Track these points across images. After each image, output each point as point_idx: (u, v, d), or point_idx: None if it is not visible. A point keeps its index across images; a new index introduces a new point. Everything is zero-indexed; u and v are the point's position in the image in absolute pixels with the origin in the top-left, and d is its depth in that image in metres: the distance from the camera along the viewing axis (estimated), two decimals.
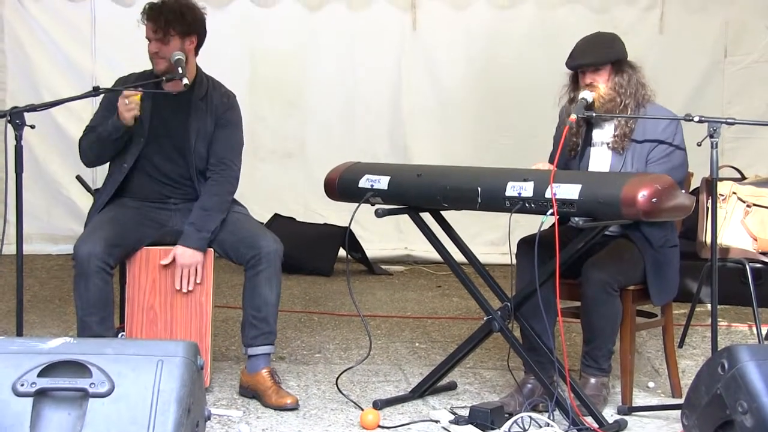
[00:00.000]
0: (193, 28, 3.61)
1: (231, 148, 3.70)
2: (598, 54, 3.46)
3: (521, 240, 3.45)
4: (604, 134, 3.55)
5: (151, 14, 3.56)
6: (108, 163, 3.72)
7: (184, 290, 3.53)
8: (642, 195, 2.90)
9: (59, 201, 6.51)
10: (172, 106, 3.65)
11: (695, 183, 3.95)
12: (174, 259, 3.52)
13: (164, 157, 3.66)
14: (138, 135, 3.59)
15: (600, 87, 3.44)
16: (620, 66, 3.46)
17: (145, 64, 3.72)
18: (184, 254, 3.52)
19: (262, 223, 3.99)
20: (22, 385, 2.29)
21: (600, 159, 3.53)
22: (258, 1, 6.80)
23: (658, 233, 3.44)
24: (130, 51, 5.94)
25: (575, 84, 3.52)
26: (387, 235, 6.84)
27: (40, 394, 2.30)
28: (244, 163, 3.78)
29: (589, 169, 3.52)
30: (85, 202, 3.82)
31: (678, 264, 3.52)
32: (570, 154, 3.58)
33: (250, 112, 6.43)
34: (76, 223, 3.73)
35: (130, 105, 3.46)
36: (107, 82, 3.73)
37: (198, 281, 3.54)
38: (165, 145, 3.66)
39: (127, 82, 3.68)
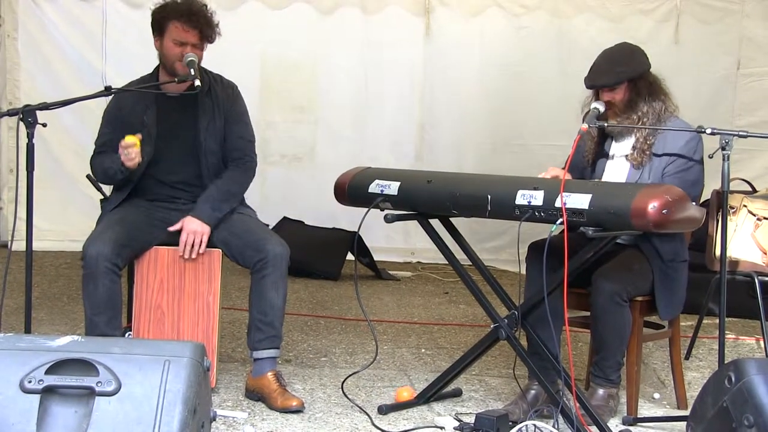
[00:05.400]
0: (214, 38, 3.65)
1: (247, 141, 3.76)
2: (612, 74, 3.43)
3: (532, 244, 3.45)
4: (622, 148, 3.54)
5: (196, 21, 3.56)
6: None
7: (186, 256, 3.52)
8: (652, 206, 2.89)
9: (74, 198, 6.53)
10: (179, 106, 3.66)
11: (706, 195, 3.94)
12: (182, 228, 3.53)
13: (174, 160, 3.68)
14: (146, 144, 3.59)
15: (616, 105, 3.43)
16: (637, 84, 3.44)
17: (154, 64, 3.73)
18: (192, 223, 3.53)
19: (268, 226, 4.00)
20: (30, 381, 2.30)
21: (617, 172, 3.53)
22: (269, 3, 6.81)
23: (669, 247, 3.43)
24: (139, 52, 5.98)
25: (597, 94, 3.51)
26: (394, 240, 6.87)
27: (48, 392, 2.31)
28: None
29: (605, 180, 3.51)
30: (99, 200, 3.83)
31: (686, 279, 3.50)
32: (586, 158, 3.58)
33: (260, 117, 6.44)
34: (89, 221, 3.73)
35: (130, 155, 3.49)
36: (117, 82, 3.74)
37: (201, 251, 3.52)
38: (174, 148, 3.67)
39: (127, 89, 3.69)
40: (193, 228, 3.52)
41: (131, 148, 3.48)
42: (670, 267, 3.44)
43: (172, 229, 3.55)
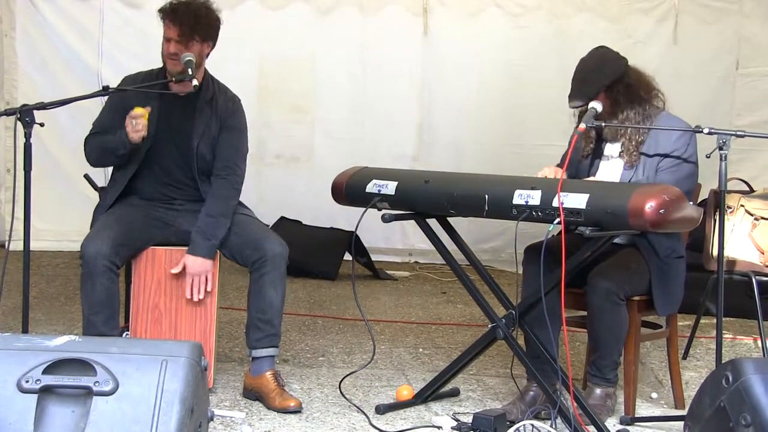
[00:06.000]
0: (214, 34, 3.62)
1: (236, 153, 3.70)
2: (586, 90, 3.42)
3: (528, 247, 3.45)
4: (614, 148, 3.54)
5: (176, 16, 3.53)
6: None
7: (195, 299, 3.52)
8: (649, 206, 2.89)
9: (71, 198, 6.52)
10: (178, 107, 3.65)
11: (703, 194, 3.95)
12: (184, 268, 3.52)
13: (169, 158, 3.67)
14: (147, 134, 3.59)
15: (602, 114, 3.42)
16: (613, 90, 3.43)
17: (150, 65, 3.73)
18: (195, 263, 3.51)
19: (267, 226, 3.99)
20: (27, 381, 2.30)
21: (611, 171, 3.53)
22: (268, 3, 6.80)
23: (665, 243, 3.44)
24: (136, 52, 5.97)
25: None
26: (392, 241, 6.86)
27: (45, 391, 2.30)
28: (250, 167, 3.78)
29: (599, 179, 3.52)
30: (96, 199, 3.83)
31: (683, 275, 3.52)
32: (581, 158, 3.58)
33: (258, 117, 6.43)
34: (87, 221, 3.73)
35: (137, 126, 3.46)
36: (112, 82, 3.74)
37: (208, 289, 3.53)
38: (170, 146, 3.66)
39: (135, 80, 3.68)
40: (197, 270, 3.51)
41: (139, 119, 3.46)
42: (667, 263, 3.45)
43: (174, 271, 3.53)
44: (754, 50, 6.72)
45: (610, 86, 3.43)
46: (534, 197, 3.08)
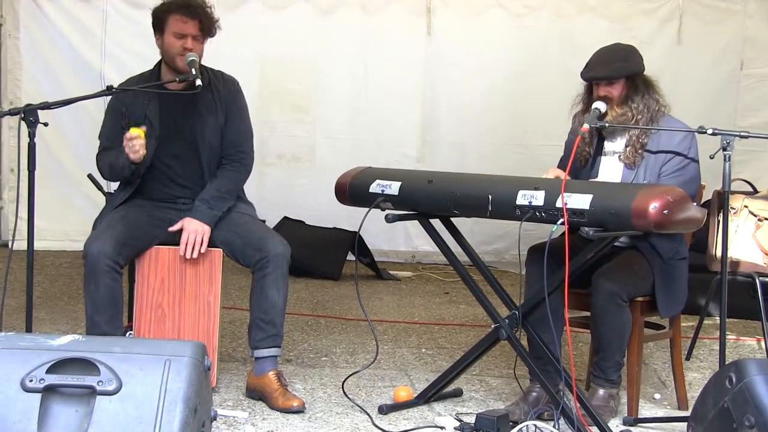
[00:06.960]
0: (214, 31, 3.66)
1: (245, 137, 3.76)
2: (612, 68, 3.45)
3: (531, 248, 3.45)
4: (615, 146, 3.55)
5: (194, 12, 3.57)
6: None
7: (188, 256, 3.51)
8: (653, 207, 2.89)
9: (74, 198, 6.52)
10: (180, 103, 3.66)
11: (707, 195, 3.95)
12: (182, 228, 3.53)
13: (176, 155, 3.68)
14: (150, 138, 3.60)
15: (613, 101, 3.43)
16: (634, 80, 3.46)
17: (153, 65, 3.74)
18: (192, 223, 3.53)
19: (264, 221, 3.99)
20: (31, 380, 2.31)
21: (611, 170, 3.53)
22: (270, 4, 6.80)
23: (668, 245, 3.44)
24: (139, 51, 5.97)
25: (589, 93, 3.52)
26: (395, 242, 6.86)
27: (49, 391, 2.31)
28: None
29: (599, 179, 3.52)
30: (99, 199, 3.83)
31: (686, 276, 3.51)
32: (580, 163, 3.58)
33: (259, 117, 6.41)
34: (90, 220, 3.74)
35: (134, 147, 3.48)
36: (115, 81, 3.76)
37: (202, 251, 3.53)
38: (177, 143, 3.67)
39: (129, 85, 3.70)
40: (194, 228, 3.53)
41: (135, 140, 3.48)
42: (670, 264, 3.45)
43: (172, 229, 3.56)
44: (759, 51, 6.70)
45: (633, 77, 3.45)
46: (537, 198, 3.08)
